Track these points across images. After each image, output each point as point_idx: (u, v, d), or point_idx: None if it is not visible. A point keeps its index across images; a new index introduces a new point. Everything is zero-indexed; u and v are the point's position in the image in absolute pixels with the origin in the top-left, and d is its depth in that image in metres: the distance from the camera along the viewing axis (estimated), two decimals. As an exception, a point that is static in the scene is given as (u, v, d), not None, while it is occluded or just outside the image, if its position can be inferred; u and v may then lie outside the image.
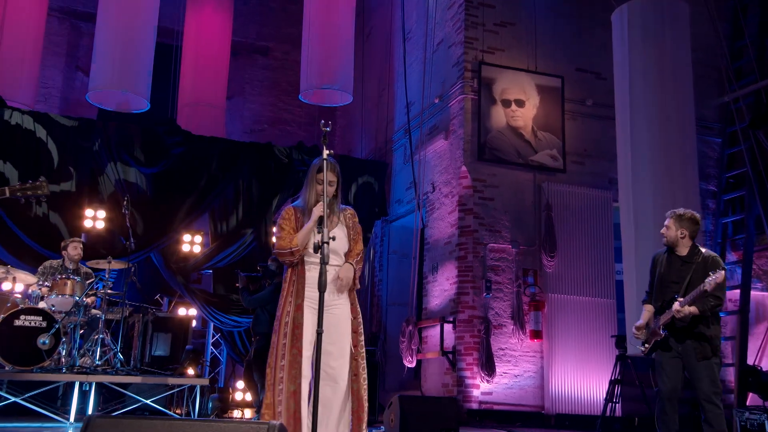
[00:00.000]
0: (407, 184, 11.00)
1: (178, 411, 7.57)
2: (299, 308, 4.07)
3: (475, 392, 9.19)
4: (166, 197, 10.16)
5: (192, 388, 7.14)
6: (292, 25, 12.75)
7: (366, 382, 4.10)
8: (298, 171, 10.71)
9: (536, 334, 9.47)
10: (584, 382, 9.41)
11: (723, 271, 4.99)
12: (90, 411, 6.70)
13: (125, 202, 7.87)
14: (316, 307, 3.82)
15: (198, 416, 6.89)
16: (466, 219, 9.61)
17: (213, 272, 10.53)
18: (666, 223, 5.48)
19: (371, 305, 11.66)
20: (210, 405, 7.16)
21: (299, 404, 3.90)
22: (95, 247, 9.64)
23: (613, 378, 8.60)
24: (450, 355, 9.38)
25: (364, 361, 4.15)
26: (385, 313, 11.33)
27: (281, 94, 13.32)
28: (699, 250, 5.37)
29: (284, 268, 7.54)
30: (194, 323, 10.40)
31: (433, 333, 9.81)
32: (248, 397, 10.35)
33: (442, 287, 9.86)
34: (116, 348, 7.22)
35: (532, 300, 9.52)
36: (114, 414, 6.83)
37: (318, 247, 3.58)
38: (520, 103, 10.01)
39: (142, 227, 9.92)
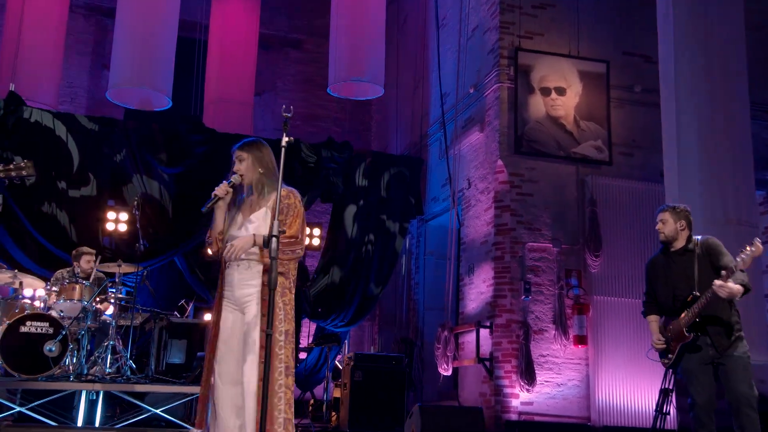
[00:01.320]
0: (443, 180, 10.75)
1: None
2: (217, 308, 3.98)
3: (514, 402, 8.88)
4: (189, 198, 10.11)
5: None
6: (324, 16, 12.58)
7: (284, 389, 3.82)
8: (328, 168, 10.58)
9: (580, 340, 9.11)
10: (634, 391, 9.01)
11: (758, 242, 4.79)
12: (98, 421, 6.64)
13: (135, 203, 7.83)
14: (235, 307, 3.85)
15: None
16: (502, 216, 9.31)
17: None
18: (660, 218, 5.30)
19: (407, 310, 11.45)
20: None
21: (204, 409, 3.85)
22: (118, 250, 9.67)
23: (663, 387, 8.20)
24: (487, 363, 9.10)
25: (282, 364, 3.84)
26: (422, 318, 11.09)
27: (314, 89, 13.19)
28: (692, 238, 5.24)
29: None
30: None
31: (469, 339, 9.55)
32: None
33: (478, 290, 9.58)
34: (127, 355, 7.16)
35: (576, 303, 9.16)
36: (122, 425, 6.79)
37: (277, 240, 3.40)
38: (561, 91, 9.67)
39: (165, 230, 9.90)
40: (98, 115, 10.55)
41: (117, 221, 10.00)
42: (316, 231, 10.95)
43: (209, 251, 4.05)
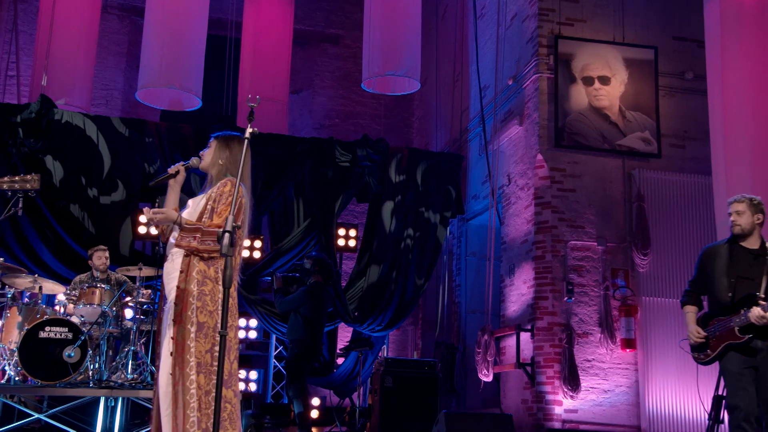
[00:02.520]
0: (483, 177, 10.59)
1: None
2: (161, 303, 3.94)
3: (558, 409, 8.67)
4: (221, 199, 10.16)
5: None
6: (363, 10, 12.55)
7: (195, 385, 3.65)
8: (363, 167, 10.52)
9: (628, 344, 8.84)
10: (687, 398, 8.69)
11: None
12: (116, 429, 6.69)
13: (156, 204, 7.86)
14: (168, 296, 3.81)
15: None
16: (543, 214, 9.11)
17: (284, 278, 10.46)
18: (737, 208, 5.09)
19: (449, 313, 11.30)
20: (244, 422, 7.02)
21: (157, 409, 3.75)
22: (146, 253, 9.79)
23: (717, 394, 7.88)
24: (528, 368, 8.90)
25: (192, 359, 3.68)
26: (464, 322, 10.93)
27: (353, 86, 13.12)
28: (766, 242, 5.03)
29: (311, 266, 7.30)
30: (255, 335, 10.38)
31: (510, 343, 9.37)
32: (313, 413, 10.24)
33: (519, 291, 9.39)
34: (147, 361, 7.20)
35: (623, 304, 8.89)
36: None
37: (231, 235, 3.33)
38: (605, 80, 9.41)
39: (196, 232, 9.95)
40: (131, 117, 10.72)
41: (148, 224, 10.11)
42: (352, 232, 10.89)
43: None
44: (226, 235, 3.18)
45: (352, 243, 10.85)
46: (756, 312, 4.72)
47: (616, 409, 8.78)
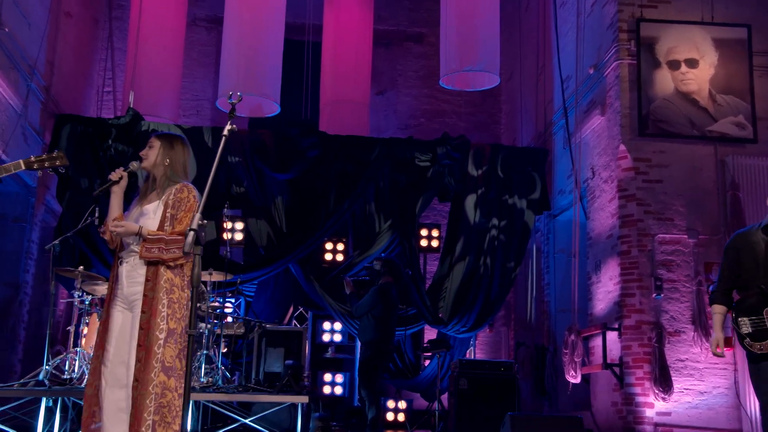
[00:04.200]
0: (568, 171, 10.25)
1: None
2: (107, 308, 3.90)
3: (649, 412, 8.28)
4: (302, 203, 10.28)
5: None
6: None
7: (161, 390, 3.64)
8: (444, 166, 10.39)
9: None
10: (792, 399, 8.12)
11: None
12: (188, 430, 6.79)
13: (225, 208, 8.01)
14: (124, 306, 3.80)
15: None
16: (627, 207, 8.73)
17: (354, 282, 10.47)
18: None
19: (539, 313, 11.00)
20: (312, 425, 7.03)
21: (100, 415, 3.71)
22: (234, 258, 9.97)
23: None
24: (616, 369, 8.55)
25: (158, 363, 3.68)
26: (554, 322, 10.61)
27: (437, 84, 12.95)
28: None
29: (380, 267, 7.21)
30: (339, 338, 10.40)
31: (598, 343, 9.01)
32: (400, 416, 10.18)
33: (605, 288, 9.04)
34: (219, 364, 7.30)
35: (718, 300, 8.39)
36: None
37: (196, 234, 3.31)
38: (692, 63, 8.95)
39: (279, 237, 10.09)
40: (218, 126, 10.95)
41: (233, 230, 10.32)
42: (435, 233, 10.76)
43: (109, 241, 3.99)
44: (191, 233, 3.16)
45: (435, 243, 10.72)
46: None
47: (713, 412, 8.30)
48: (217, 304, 7.69)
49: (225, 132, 3.52)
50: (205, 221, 3.39)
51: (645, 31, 8.99)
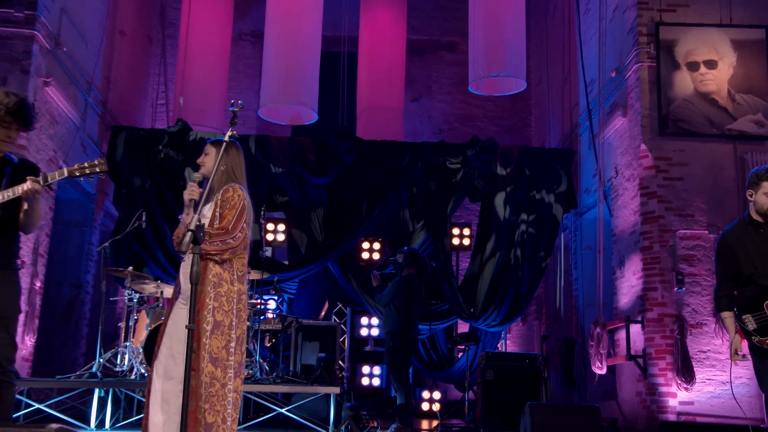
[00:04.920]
0: (594, 171, 10.10)
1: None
2: (171, 303, 3.93)
3: (672, 402, 8.13)
4: (340, 206, 10.30)
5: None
6: (474, 15, 12.34)
7: (209, 378, 3.64)
8: (473, 168, 10.32)
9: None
10: (814, 389, 7.88)
11: None
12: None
13: (262, 211, 8.06)
14: (183, 302, 3.76)
15: (332, 425, 6.80)
16: (649, 204, 8.59)
17: (382, 276, 10.45)
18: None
19: (567, 307, 10.86)
20: (344, 414, 7.03)
21: (148, 403, 3.73)
22: (276, 257, 10.05)
23: None
24: (639, 360, 8.40)
25: (207, 353, 3.69)
26: (582, 315, 10.47)
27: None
28: None
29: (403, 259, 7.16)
30: (377, 332, 10.41)
31: (622, 335, 8.86)
32: (435, 406, 10.14)
33: (629, 283, 8.89)
34: (257, 357, 7.35)
35: (739, 293, 8.19)
36: (246, 425, 7.00)
37: (194, 234, 3.30)
38: (711, 65, 8.75)
39: (317, 237, 10.13)
40: (263, 134, 11.05)
41: (275, 231, 10.42)
42: (466, 231, 10.70)
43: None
44: (188, 233, 3.17)
45: (466, 242, 10.67)
46: None
47: (736, 402, 8.07)
48: (255, 301, 7.71)
49: (226, 138, 3.52)
50: (205, 222, 3.40)
51: (664, 34, 8.82)
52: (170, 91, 13.22)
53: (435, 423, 9.26)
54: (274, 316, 8.19)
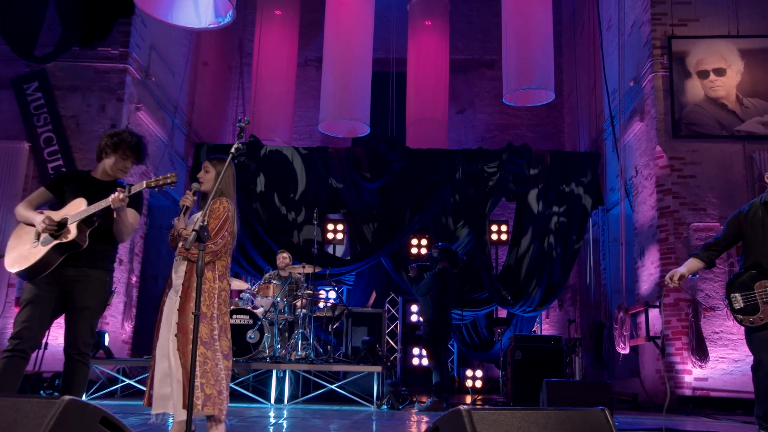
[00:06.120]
0: (617, 171, 10.02)
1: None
2: (164, 294, 4.01)
3: (687, 378, 8.03)
4: (390, 207, 10.48)
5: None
6: (510, 36, 12.34)
7: (201, 359, 3.72)
8: (509, 171, 10.36)
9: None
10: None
11: None
12: (286, 396, 7.08)
13: (315, 214, 8.29)
14: (173, 293, 3.88)
15: (375, 399, 6.97)
16: (665, 200, 8.50)
17: (419, 267, 10.57)
18: None
19: (597, 293, 10.78)
20: (385, 390, 7.18)
21: (152, 379, 3.85)
22: (334, 254, 10.30)
23: None
24: (658, 341, 8.32)
25: (198, 339, 3.66)
26: (610, 301, 10.38)
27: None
28: None
29: (438, 254, 7.24)
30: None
31: (643, 319, 8.78)
32: (477, 383, 10.23)
33: (648, 271, 8.81)
34: (311, 340, 7.55)
35: (749, 279, 8.02)
36: (309, 396, 7.24)
37: (198, 234, 3.34)
38: (720, 72, 8.60)
39: (370, 237, 10.34)
40: (324, 146, 11.34)
41: (335, 231, 10.68)
42: (504, 227, 10.74)
43: (171, 245, 4.10)
44: (193, 233, 3.27)
45: (504, 237, 10.71)
46: None
47: (747, 377, 7.76)
48: (308, 291, 7.90)
49: (232, 150, 3.58)
50: (205, 224, 3.44)
51: (676, 46, 8.72)
52: (247, 112, 13.65)
53: (473, 398, 9.37)
54: (326, 305, 8.38)
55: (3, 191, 8.64)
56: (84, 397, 6.36)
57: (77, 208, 3.87)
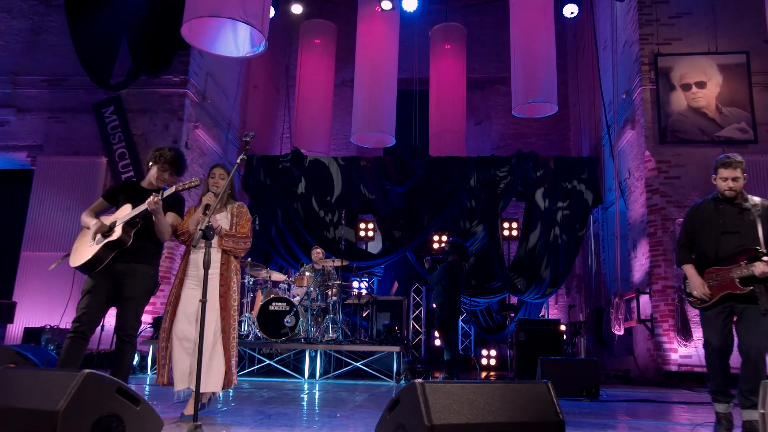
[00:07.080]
0: (613, 174, 10.24)
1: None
2: (181, 282, 4.16)
3: (674, 356, 8.25)
4: (414, 208, 10.86)
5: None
6: (522, 55, 12.59)
7: (236, 335, 4.05)
8: (518, 175, 10.65)
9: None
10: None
11: None
12: (318, 373, 7.49)
13: (342, 215, 8.70)
14: (197, 283, 4.01)
15: (395, 375, 7.34)
16: (653, 198, 8.72)
17: (433, 259, 10.85)
18: (735, 174, 4.28)
19: (597, 282, 11.00)
20: (403, 367, 7.52)
21: (169, 356, 4.06)
22: (365, 249, 10.70)
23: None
24: (648, 323, 8.55)
25: (234, 321, 4.08)
26: (609, 289, 10.58)
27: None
28: (746, 196, 4.25)
29: (449, 248, 7.55)
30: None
31: (635, 304, 9.01)
32: (492, 362, 10.54)
33: (639, 262, 9.03)
34: (340, 325, 7.91)
35: (728, 268, 8.19)
36: (337, 373, 7.62)
37: (204, 233, 3.46)
38: (701, 85, 8.79)
39: (395, 234, 10.73)
40: (355, 156, 11.79)
41: (366, 229, 11.10)
42: (514, 225, 11.03)
43: (180, 240, 4.23)
44: (199, 231, 3.45)
45: (515, 233, 11.00)
46: (761, 267, 3.98)
47: (728, 355, 8.10)
48: (338, 281, 8.18)
49: (238, 161, 3.80)
50: (211, 224, 3.56)
51: (662, 63, 8.93)
52: (292, 127, 14.17)
53: (486, 374, 9.69)
54: (355, 294, 8.75)
55: (86, 199, 9.26)
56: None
57: (124, 213, 4.07)
